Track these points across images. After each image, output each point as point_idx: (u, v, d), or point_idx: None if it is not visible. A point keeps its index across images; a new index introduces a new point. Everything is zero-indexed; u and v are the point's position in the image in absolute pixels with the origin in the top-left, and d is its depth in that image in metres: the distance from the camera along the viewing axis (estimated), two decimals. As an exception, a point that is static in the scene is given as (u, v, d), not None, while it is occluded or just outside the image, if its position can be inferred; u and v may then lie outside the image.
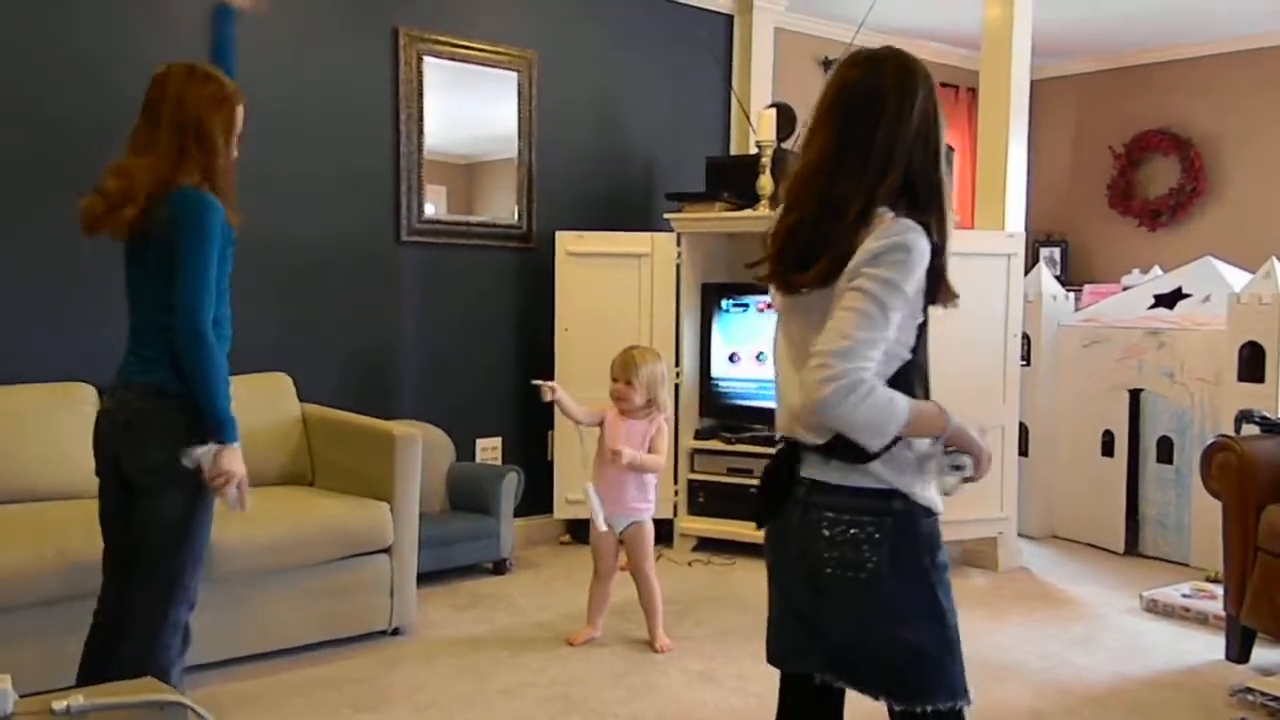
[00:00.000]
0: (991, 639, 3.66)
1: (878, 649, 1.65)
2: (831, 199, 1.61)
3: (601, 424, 3.53)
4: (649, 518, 3.55)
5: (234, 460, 2.27)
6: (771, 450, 1.62)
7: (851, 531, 1.62)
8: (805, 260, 1.62)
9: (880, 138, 1.62)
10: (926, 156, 1.64)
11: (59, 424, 3.27)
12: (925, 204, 1.63)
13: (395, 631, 3.57)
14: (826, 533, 1.63)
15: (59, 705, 1.23)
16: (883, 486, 1.63)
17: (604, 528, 3.47)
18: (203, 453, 2.24)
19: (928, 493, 1.67)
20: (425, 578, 3.83)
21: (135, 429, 2.31)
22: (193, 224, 2.24)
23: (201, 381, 2.24)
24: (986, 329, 4.42)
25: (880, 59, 1.67)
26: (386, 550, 3.53)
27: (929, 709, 1.65)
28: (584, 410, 3.51)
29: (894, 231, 1.57)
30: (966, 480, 1.68)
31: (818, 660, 1.72)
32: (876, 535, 1.62)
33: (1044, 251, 6.96)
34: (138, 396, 2.31)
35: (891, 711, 1.69)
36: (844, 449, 1.60)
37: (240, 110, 2.41)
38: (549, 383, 3.50)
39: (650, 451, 3.49)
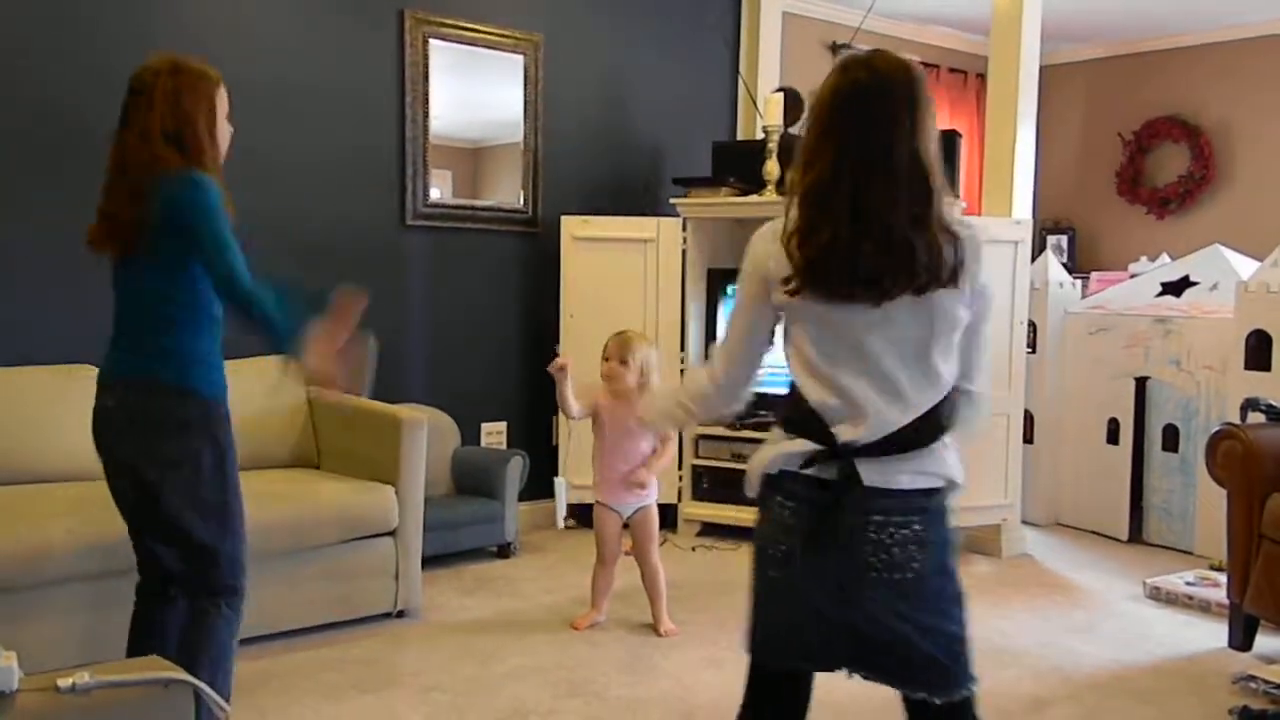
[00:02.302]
0: (994, 625, 3.66)
1: (922, 645, 1.64)
2: (868, 213, 1.59)
3: (595, 414, 3.52)
4: (654, 502, 3.56)
5: (314, 359, 2.21)
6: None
7: (901, 533, 1.63)
8: (861, 277, 1.60)
9: (896, 143, 1.60)
10: (932, 151, 1.63)
11: (65, 406, 3.28)
12: (938, 201, 1.63)
13: (400, 614, 3.59)
14: (873, 536, 1.63)
15: (64, 683, 1.23)
16: (931, 485, 1.66)
17: (563, 525, 3.58)
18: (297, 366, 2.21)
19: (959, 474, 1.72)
20: (430, 561, 3.84)
21: (140, 426, 2.28)
22: (197, 201, 2.21)
23: (267, 328, 2.22)
24: (993, 316, 4.40)
25: (877, 64, 1.65)
26: (392, 533, 3.54)
27: (965, 696, 1.67)
28: (578, 405, 3.49)
29: (980, 253, 1.67)
30: None
31: (844, 658, 1.70)
32: (923, 533, 1.64)
33: (1051, 239, 6.94)
34: (135, 392, 2.29)
35: (925, 706, 1.68)
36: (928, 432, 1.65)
37: (222, 92, 2.36)
38: (567, 358, 3.49)
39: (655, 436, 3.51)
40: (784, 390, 1.78)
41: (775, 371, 1.82)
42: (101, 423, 2.34)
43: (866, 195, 1.59)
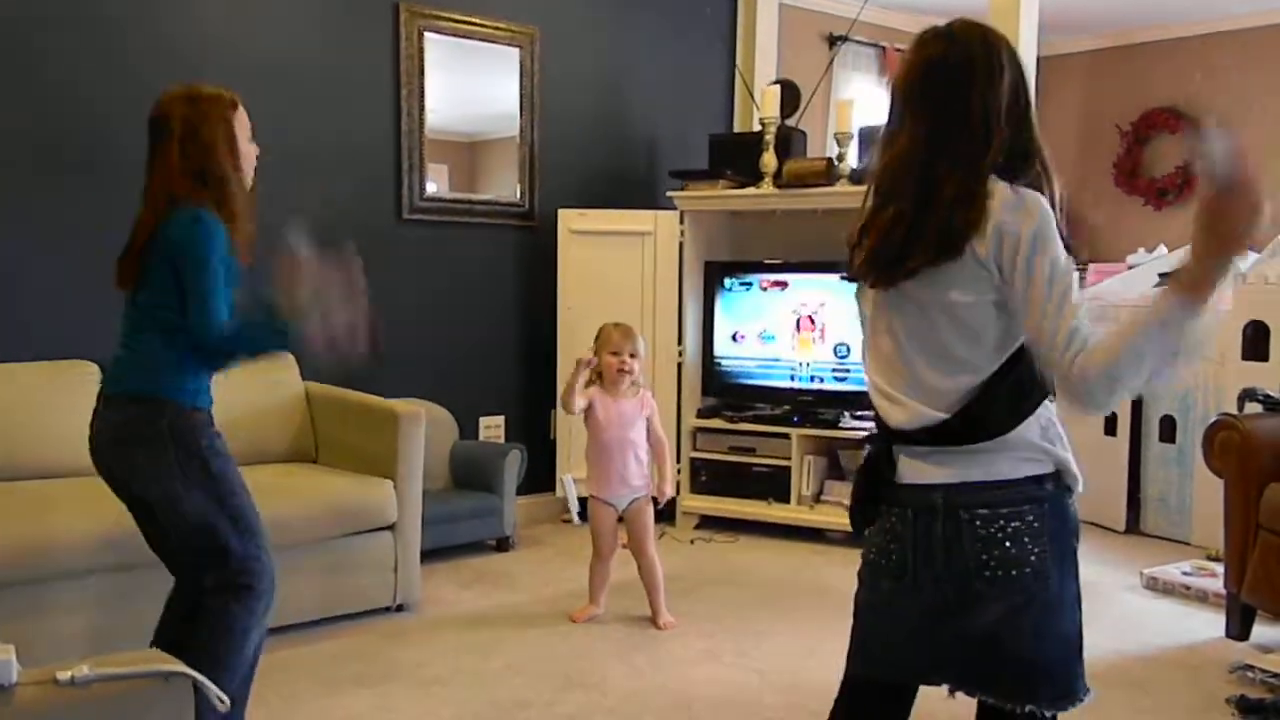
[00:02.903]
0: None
1: (1038, 650, 1.54)
2: (930, 180, 1.54)
3: (589, 409, 3.51)
4: (648, 495, 3.56)
5: (316, 338, 2.23)
6: (774, 430, 1.62)
7: (1013, 525, 1.52)
8: (909, 247, 1.53)
9: (975, 109, 1.54)
10: (1024, 123, 1.59)
11: (62, 401, 3.28)
12: (1028, 170, 1.57)
13: (399, 608, 3.59)
14: (982, 532, 1.52)
15: (63, 675, 1.23)
16: (1034, 473, 1.55)
17: (577, 521, 3.52)
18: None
19: (1073, 465, 1.59)
20: (428, 555, 3.84)
21: (119, 443, 2.29)
22: (197, 242, 2.22)
23: (243, 360, 2.33)
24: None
25: (957, 31, 1.60)
26: (390, 527, 3.55)
27: (1070, 706, 1.56)
28: (582, 400, 3.49)
29: (1036, 207, 1.50)
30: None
31: (951, 674, 1.61)
32: (1037, 524, 1.52)
33: (1048, 230, 6.94)
34: (115, 410, 2.30)
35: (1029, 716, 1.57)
36: (981, 424, 1.54)
37: (240, 114, 2.37)
38: (591, 359, 3.49)
39: (652, 434, 3.53)
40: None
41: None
42: (92, 439, 2.36)
43: (937, 179, 1.53)
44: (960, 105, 1.55)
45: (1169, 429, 4.76)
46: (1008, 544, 1.51)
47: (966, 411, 1.55)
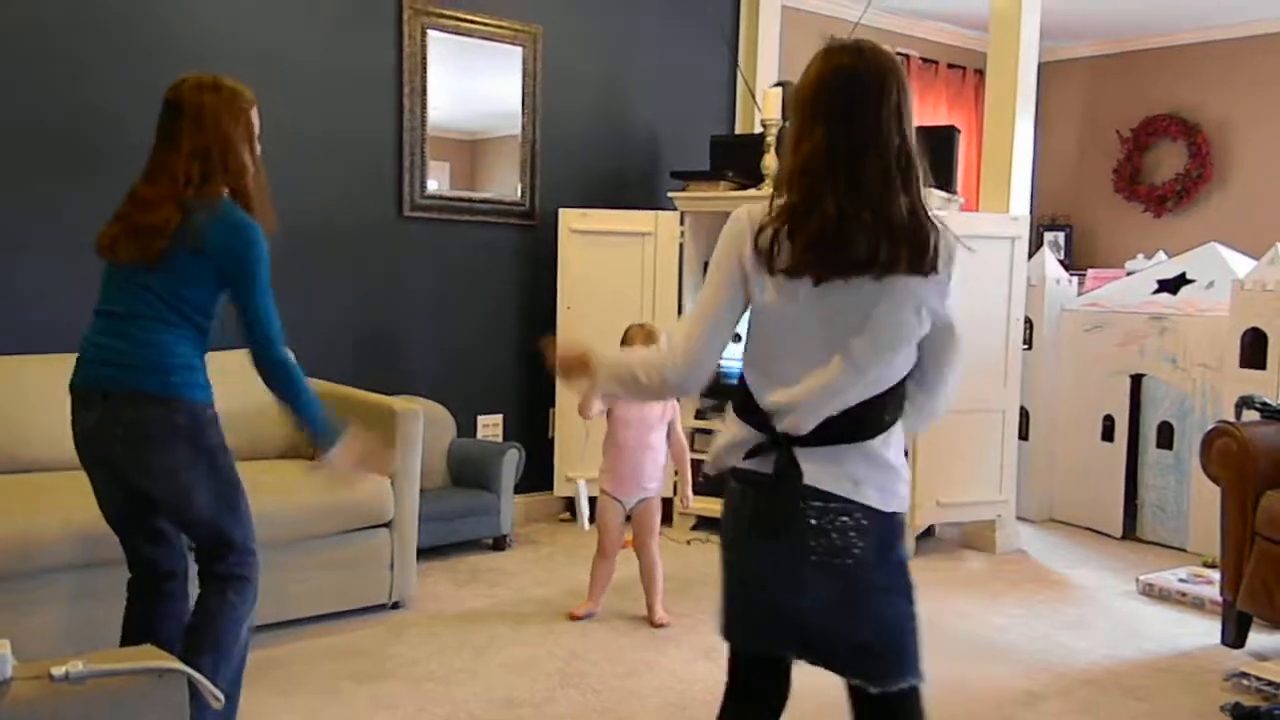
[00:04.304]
0: (987, 621, 3.67)
1: (859, 631, 1.66)
2: (862, 190, 1.59)
3: (611, 408, 3.51)
4: (658, 495, 3.56)
5: (346, 454, 2.36)
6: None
7: (841, 519, 1.63)
8: (874, 255, 1.58)
9: (888, 123, 1.61)
10: (916, 139, 1.65)
11: (58, 395, 3.23)
12: (922, 187, 1.65)
13: (395, 605, 3.59)
14: (814, 522, 1.64)
15: (58, 671, 1.24)
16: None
17: (587, 528, 3.61)
18: (328, 463, 2.37)
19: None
20: (426, 553, 3.84)
21: (131, 442, 2.27)
22: (249, 257, 2.26)
23: (297, 405, 2.33)
24: (988, 312, 4.41)
25: (864, 48, 1.66)
26: (387, 525, 3.55)
27: (905, 687, 1.67)
28: (601, 403, 3.49)
29: (953, 247, 1.65)
30: None
31: (794, 645, 1.73)
32: (865, 522, 1.64)
33: (1048, 235, 6.95)
34: (129, 407, 2.27)
35: (863, 695, 1.69)
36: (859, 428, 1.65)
37: (255, 113, 2.39)
38: None
39: (674, 437, 3.56)
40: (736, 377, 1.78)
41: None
42: (88, 436, 2.34)
43: (862, 174, 1.60)
44: (872, 120, 1.61)
45: (1166, 435, 4.77)
46: (834, 535, 1.64)
47: (866, 411, 1.66)
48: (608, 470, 3.55)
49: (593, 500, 3.64)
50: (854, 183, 1.60)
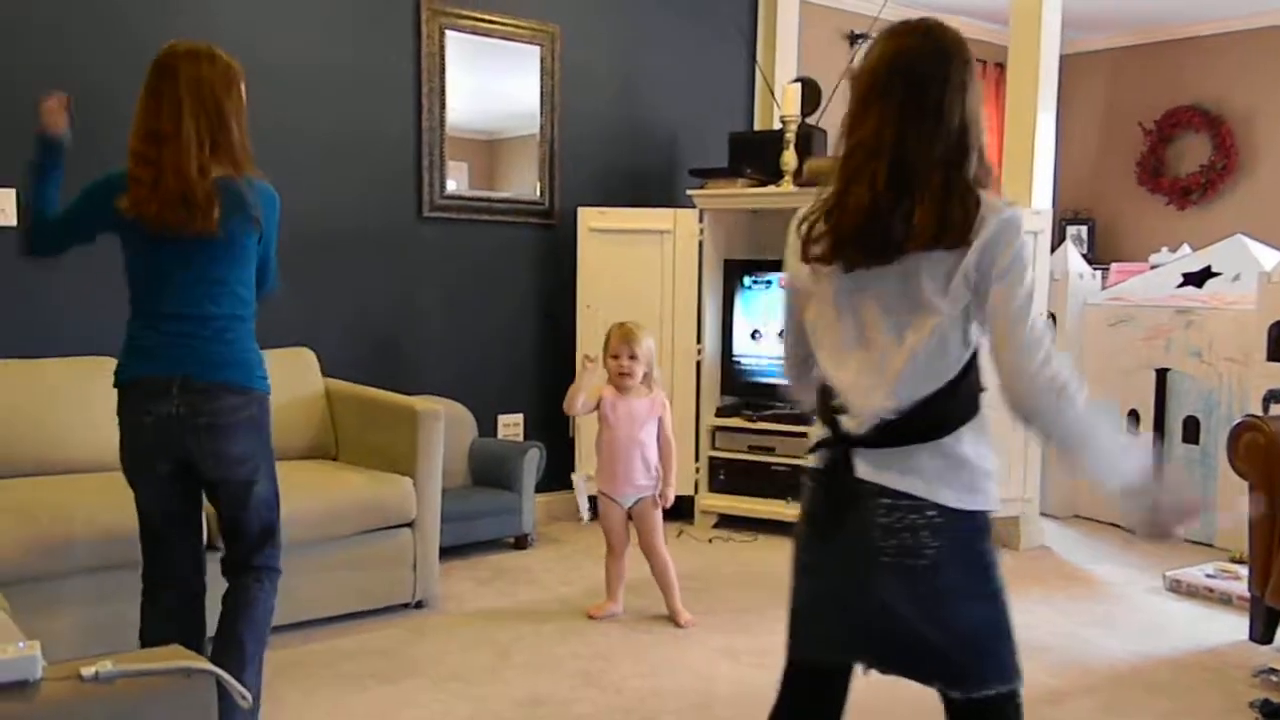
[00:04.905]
0: (1013, 618, 3.65)
1: (933, 636, 1.60)
2: (906, 169, 1.55)
3: (598, 407, 3.51)
4: (654, 494, 3.54)
5: None
6: (793, 429, 1.62)
7: (911, 518, 1.58)
8: (893, 233, 1.54)
9: (950, 104, 1.56)
10: (982, 126, 1.61)
11: (88, 397, 3.30)
12: (988, 176, 1.60)
13: (418, 604, 3.61)
14: (884, 521, 1.58)
15: (87, 671, 1.24)
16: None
17: (585, 520, 3.64)
18: None
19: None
20: (447, 552, 3.85)
21: (216, 430, 2.33)
22: (276, 220, 2.45)
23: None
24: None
25: (930, 26, 1.61)
26: (410, 524, 3.56)
27: (993, 694, 1.63)
28: (587, 401, 3.49)
29: (1021, 225, 1.58)
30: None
31: (865, 652, 1.67)
32: (939, 521, 1.58)
33: (1071, 229, 6.90)
34: (207, 397, 2.32)
35: (950, 701, 1.65)
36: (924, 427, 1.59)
37: (243, 87, 2.40)
38: (595, 358, 3.50)
39: (661, 434, 3.51)
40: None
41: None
42: (164, 428, 2.34)
43: (908, 154, 1.55)
44: (934, 100, 1.56)
45: (1193, 430, 4.72)
46: (905, 534, 1.58)
47: (924, 409, 1.60)
48: (601, 470, 3.55)
49: (595, 499, 3.64)
50: (897, 164, 1.55)
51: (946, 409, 1.59)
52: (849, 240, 1.58)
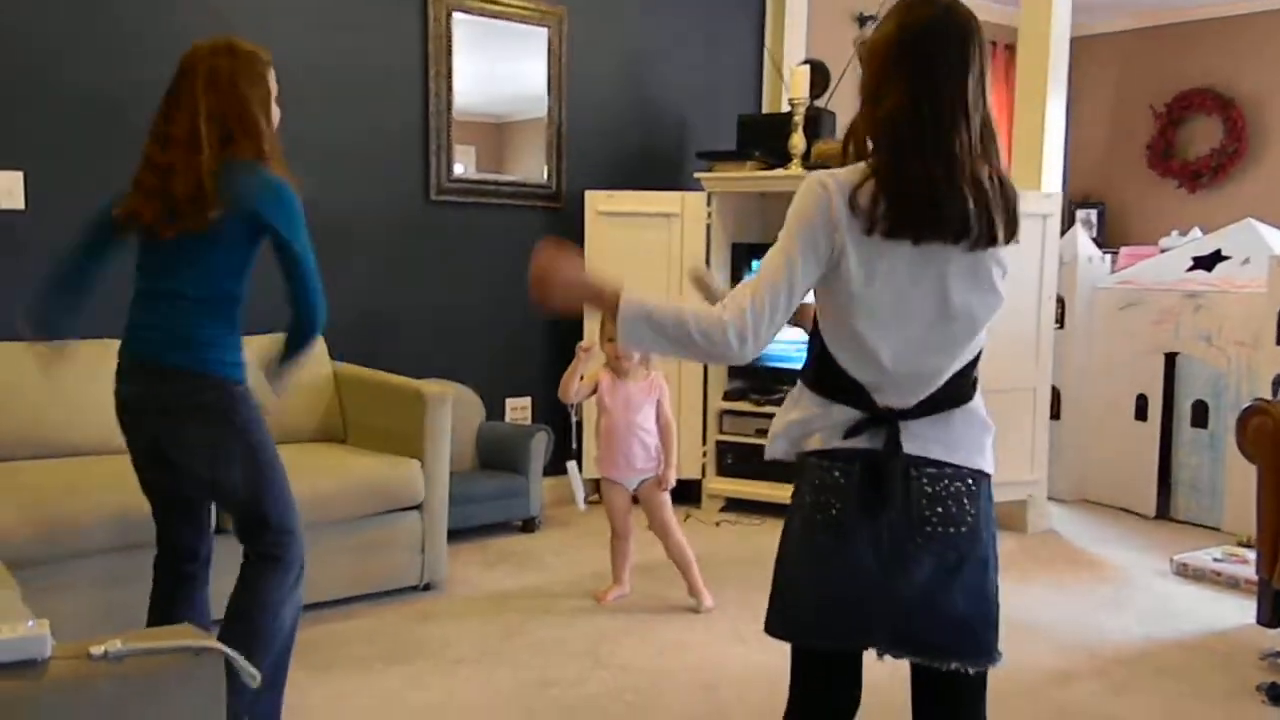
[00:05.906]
0: (1019, 601, 3.65)
1: (959, 605, 1.60)
2: (951, 153, 1.53)
3: (597, 392, 3.50)
4: (659, 473, 3.52)
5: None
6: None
7: (955, 485, 1.59)
8: (956, 216, 1.52)
9: (977, 88, 1.55)
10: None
11: (99, 381, 3.30)
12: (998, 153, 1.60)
13: (426, 587, 3.62)
14: (930, 489, 1.58)
15: (96, 650, 1.25)
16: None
17: (582, 508, 3.66)
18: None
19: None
20: (455, 535, 3.87)
21: (165, 413, 2.31)
22: (290, 221, 2.29)
23: (300, 342, 2.39)
24: (1020, 291, 4.37)
25: (947, 1, 1.60)
26: (418, 507, 3.57)
27: (986, 668, 1.64)
28: (582, 389, 3.49)
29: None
30: None
31: (884, 633, 1.63)
32: (974, 487, 1.61)
33: (1080, 213, 6.86)
34: (160, 380, 2.30)
35: (955, 680, 1.63)
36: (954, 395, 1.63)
37: (272, 74, 2.38)
38: (591, 346, 3.49)
39: (660, 418, 3.50)
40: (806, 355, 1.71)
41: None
42: (132, 410, 2.37)
43: (948, 140, 1.53)
44: (959, 84, 1.55)
45: (1201, 414, 4.71)
46: (950, 503, 1.59)
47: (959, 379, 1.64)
48: (602, 454, 3.55)
49: (597, 483, 3.64)
50: (941, 146, 1.53)
51: (973, 372, 1.66)
52: (916, 218, 1.53)
